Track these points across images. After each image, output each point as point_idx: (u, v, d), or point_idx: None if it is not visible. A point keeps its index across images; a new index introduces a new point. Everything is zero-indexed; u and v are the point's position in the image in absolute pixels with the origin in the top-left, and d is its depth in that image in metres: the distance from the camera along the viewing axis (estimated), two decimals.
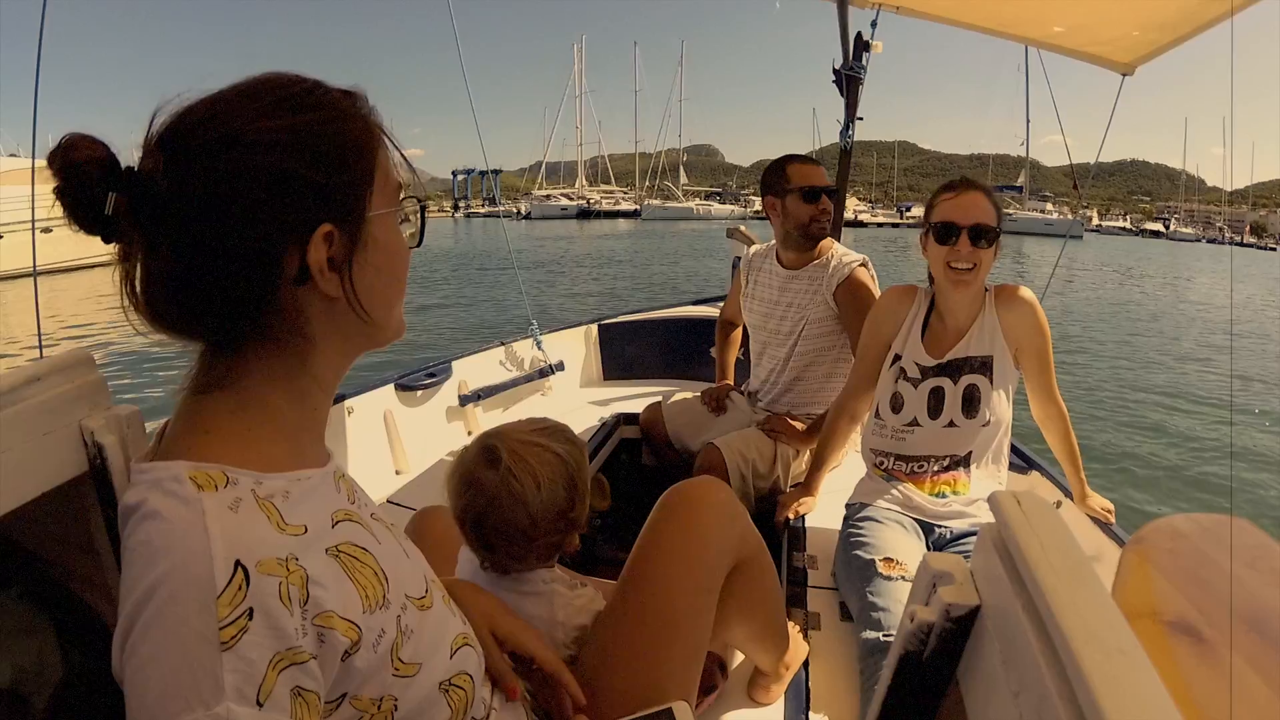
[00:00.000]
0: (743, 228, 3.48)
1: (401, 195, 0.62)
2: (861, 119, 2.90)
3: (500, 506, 0.87)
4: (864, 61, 2.80)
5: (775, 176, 2.01)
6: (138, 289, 0.53)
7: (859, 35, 2.77)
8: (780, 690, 1.19)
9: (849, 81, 2.83)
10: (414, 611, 0.61)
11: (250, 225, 0.51)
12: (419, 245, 0.65)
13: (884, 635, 1.20)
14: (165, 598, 0.44)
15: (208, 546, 0.45)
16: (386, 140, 0.60)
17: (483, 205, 69.78)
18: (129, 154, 0.52)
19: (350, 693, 0.54)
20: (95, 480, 0.75)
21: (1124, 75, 2.61)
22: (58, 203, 0.49)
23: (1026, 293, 1.51)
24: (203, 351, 0.57)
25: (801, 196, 1.96)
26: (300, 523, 0.53)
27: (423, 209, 0.65)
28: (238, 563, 0.45)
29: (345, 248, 0.55)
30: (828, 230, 1.99)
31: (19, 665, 0.69)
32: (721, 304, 3.36)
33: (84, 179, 0.49)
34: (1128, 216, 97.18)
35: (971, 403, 1.51)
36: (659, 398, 2.32)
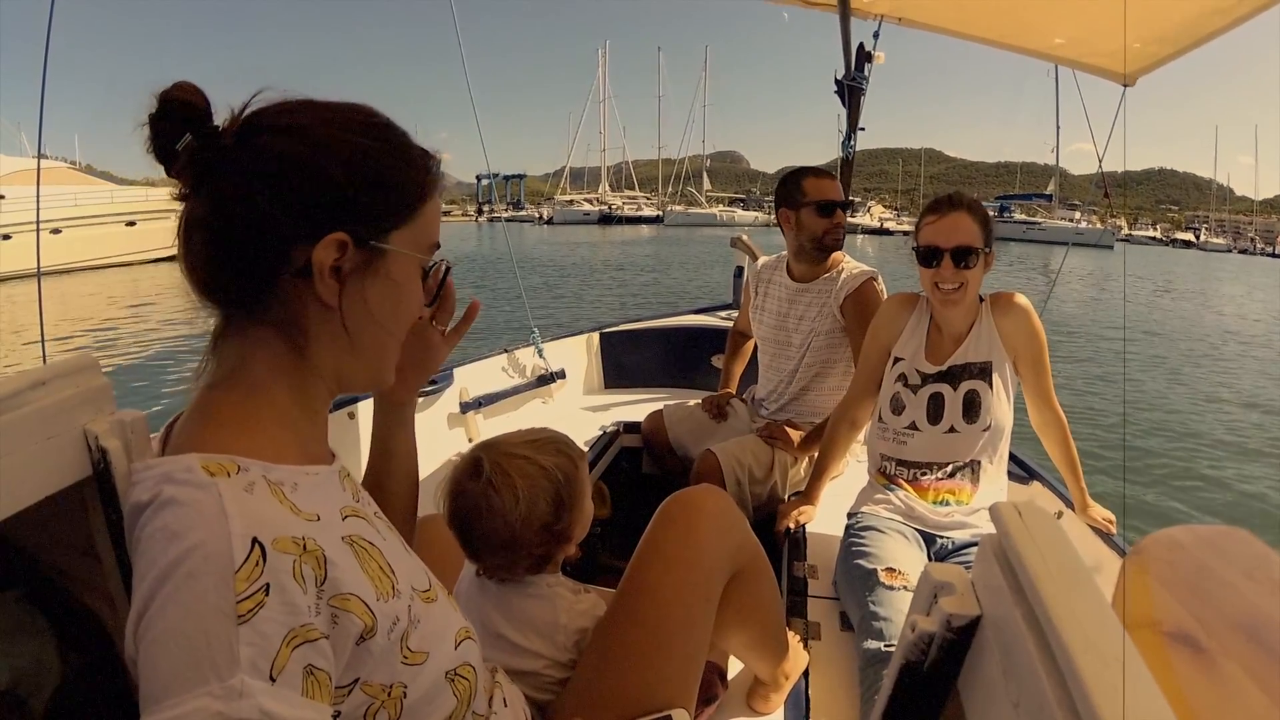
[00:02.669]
0: (744, 237, 3.49)
1: (435, 254, 0.67)
2: (864, 129, 2.92)
3: (481, 517, 0.88)
4: (866, 72, 2.82)
5: (791, 189, 2.03)
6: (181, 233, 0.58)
7: (861, 46, 2.79)
8: (780, 700, 1.19)
9: (851, 92, 2.85)
10: (420, 604, 0.62)
11: (274, 202, 0.55)
12: (431, 304, 0.70)
13: (885, 645, 1.20)
14: (184, 575, 0.45)
15: (226, 525, 0.47)
16: (438, 201, 0.66)
17: (505, 209, 70.05)
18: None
19: (362, 678, 0.55)
20: (98, 484, 0.76)
21: (1125, 86, 2.63)
22: (147, 127, 0.56)
23: (1021, 299, 1.52)
24: (212, 344, 0.60)
25: (817, 210, 1.98)
26: (313, 511, 0.55)
27: (446, 272, 0.70)
28: (255, 539, 0.47)
29: (354, 263, 0.59)
30: (842, 243, 2.02)
31: (17, 667, 0.69)
32: (722, 313, 3.38)
33: (172, 113, 0.55)
34: (1157, 226, 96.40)
35: (972, 408, 1.52)
36: (660, 406, 2.32)
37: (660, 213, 61.88)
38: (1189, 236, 74.80)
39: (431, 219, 0.65)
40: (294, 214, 0.56)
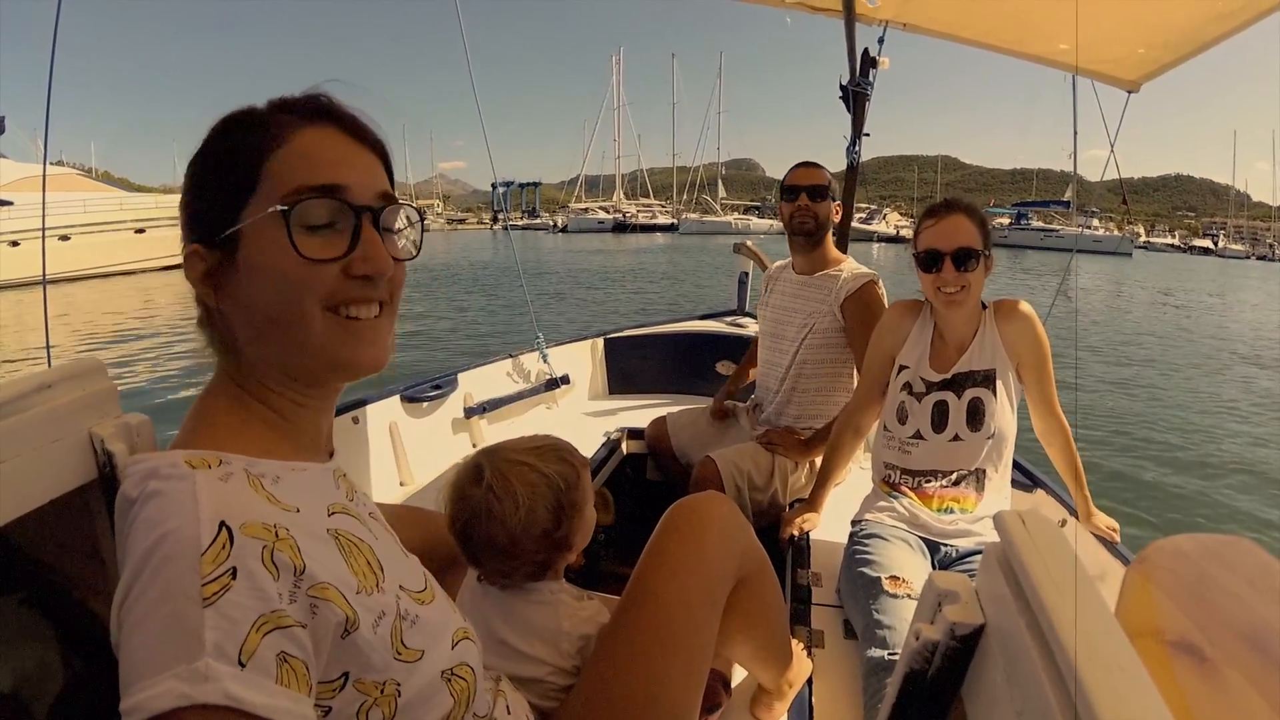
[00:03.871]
0: (748, 243, 3.49)
1: (301, 196, 0.56)
2: (868, 135, 2.91)
3: (481, 523, 0.88)
4: (871, 78, 2.82)
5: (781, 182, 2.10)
6: None
7: (865, 51, 2.79)
8: (784, 708, 1.18)
9: (856, 98, 2.85)
10: (412, 603, 0.62)
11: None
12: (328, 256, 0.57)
13: (889, 654, 1.19)
14: (159, 560, 0.46)
15: (196, 511, 0.48)
16: (299, 141, 0.58)
17: (520, 217, 70.19)
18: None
19: (353, 674, 0.55)
20: (104, 487, 0.76)
21: (1129, 92, 2.62)
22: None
23: (1025, 307, 1.52)
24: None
25: (781, 194, 2.06)
26: (293, 503, 0.55)
27: (297, 202, 0.56)
28: (222, 523, 0.48)
29: (218, 263, 0.59)
30: (809, 228, 2.02)
31: (21, 670, 0.69)
32: (726, 319, 3.38)
33: None
34: (1174, 233, 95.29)
35: (976, 415, 1.51)
36: (664, 412, 2.32)
37: (674, 220, 61.65)
38: (1206, 243, 74.11)
39: (288, 166, 0.56)
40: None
